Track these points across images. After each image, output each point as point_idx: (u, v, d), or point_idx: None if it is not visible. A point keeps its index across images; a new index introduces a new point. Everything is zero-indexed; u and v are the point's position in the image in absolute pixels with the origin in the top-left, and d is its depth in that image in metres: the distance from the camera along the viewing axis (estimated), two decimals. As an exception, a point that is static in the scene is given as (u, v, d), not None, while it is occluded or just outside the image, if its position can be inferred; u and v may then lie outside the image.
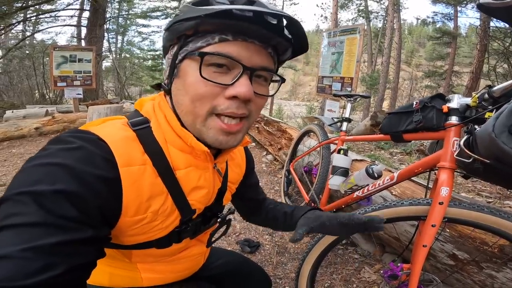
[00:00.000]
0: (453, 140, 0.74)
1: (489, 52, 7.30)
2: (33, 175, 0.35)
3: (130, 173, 0.41)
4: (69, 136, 0.40)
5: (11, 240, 0.30)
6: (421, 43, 32.53)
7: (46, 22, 10.82)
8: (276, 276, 1.38)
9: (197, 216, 0.54)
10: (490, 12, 0.50)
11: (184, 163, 0.48)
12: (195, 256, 0.63)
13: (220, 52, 0.42)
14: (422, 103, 0.85)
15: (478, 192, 2.08)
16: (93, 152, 0.39)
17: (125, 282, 0.57)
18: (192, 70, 0.43)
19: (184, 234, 0.53)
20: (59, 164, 0.35)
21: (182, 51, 0.45)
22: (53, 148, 0.38)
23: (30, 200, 0.32)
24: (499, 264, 0.97)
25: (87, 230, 0.35)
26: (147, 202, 0.44)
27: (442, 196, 0.71)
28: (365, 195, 1.07)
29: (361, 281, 1.34)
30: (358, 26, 3.08)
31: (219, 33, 0.42)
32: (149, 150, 0.45)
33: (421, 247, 0.75)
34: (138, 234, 0.46)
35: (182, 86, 0.45)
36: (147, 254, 0.52)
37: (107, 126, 0.45)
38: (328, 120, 1.68)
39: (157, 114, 0.48)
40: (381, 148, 3.58)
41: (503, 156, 0.52)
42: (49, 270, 0.30)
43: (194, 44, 0.43)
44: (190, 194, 0.50)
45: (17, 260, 0.29)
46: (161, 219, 0.47)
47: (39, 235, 0.31)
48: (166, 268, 0.59)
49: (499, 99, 0.66)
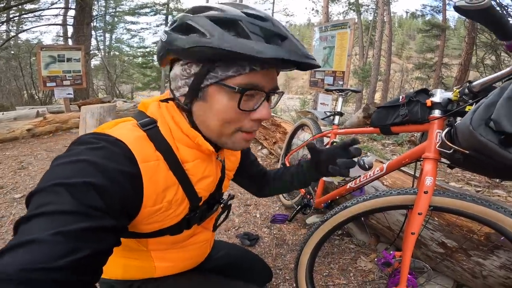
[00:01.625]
0: (436, 132, 0.79)
1: (477, 44, 7.42)
2: (65, 170, 0.39)
3: (148, 168, 0.46)
4: (91, 138, 0.44)
5: (44, 226, 0.33)
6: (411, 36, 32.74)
7: (30, 21, 10.57)
8: (276, 267, 1.43)
9: (202, 203, 0.60)
10: (466, 14, 0.54)
11: (191, 156, 0.54)
12: (202, 243, 0.69)
13: (252, 84, 0.47)
14: (408, 97, 0.89)
15: (467, 182, 2.15)
16: (115, 150, 0.43)
17: (139, 273, 0.61)
18: (222, 97, 0.48)
19: (192, 221, 0.59)
20: (87, 161, 0.40)
21: (210, 76, 0.47)
22: (79, 148, 0.42)
23: (63, 190, 0.36)
24: (486, 252, 1.01)
25: (110, 219, 0.39)
26: (162, 193, 0.49)
27: (427, 185, 0.76)
28: (358, 186, 1.12)
29: (357, 270, 1.40)
30: (349, 21, 3.11)
31: (249, 64, 0.46)
32: (159, 147, 0.50)
33: (410, 234, 0.80)
34: (155, 222, 0.51)
35: (209, 110, 0.49)
36: (161, 241, 0.58)
37: (121, 128, 0.49)
38: (320, 114, 1.72)
39: (165, 115, 0.53)
40: (374, 140, 3.65)
41: (480, 147, 0.57)
42: (75, 253, 0.33)
43: (224, 72, 0.46)
44: (197, 184, 0.56)
45: (48, 244, 0.32)
46: (174, 207, 0.53)
47: (69, 221, 0.34)
48: (177, 256, 0.64)
49: (478, 94, 0.70)
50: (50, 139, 3.94)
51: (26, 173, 2.67)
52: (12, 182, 2.45)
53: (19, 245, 0.32)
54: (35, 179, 2.54)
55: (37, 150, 3.38)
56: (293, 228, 1.78)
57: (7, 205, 2.04)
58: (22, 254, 0.31)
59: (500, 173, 0.64)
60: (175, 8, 15.32)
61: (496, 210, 0.72)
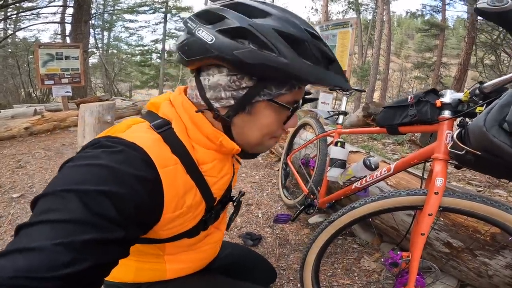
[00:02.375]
0: (446, 133, 0.78)
1: (476, 44, 7.45)
2: (77, 175, 0.36)
3: (168, 173, 0.44)
4: (108, 140, 0.42)
5: (47, 234, 0.31)
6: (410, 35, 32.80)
7: (27, 19, 10.48)
8: (279, 267, 1.43)
9: (217, 203, 0.59)
10: (485, 15, 0.53)
11: (209, 158, 0.53)
12: (214, 243, 0.68)
13: (297, 101, 0.51)
14: (417, 97, 0.88)
15: (468, 181, 2.15)
16: (133, 155, 0.41)
17: (150, 276, 0.60)
18: (271, 113, 0.50)
19: (209, 221, 0.59)
20: (104, 166, 0.37)
21: (264, 93, 0.47)
22: (95, 151, 0.40)
23: (74, 197, 0.34)
24: (492, 252, 1.01)
25: (120, 231, 0.36)
26: (182, 198, 0.48)
27: (437, 186, 0.75)
28: (363, 186, 1.11)
29: (361, 269, 1.40)
30: (350, 20, 3.11)
31: (299, 83, 0.49)
32: (175, 150, 0.47)
33: (419, 235, 0.79)
34: (175, 227, 0.50)
35: (252, 123, 0.51)
36: (179, 245, 0.57)
37: (135, 131, 0.46)
38: (324, 113, 1.71)
39: (181, 115, 0.50)
40: (374, 139, 3.65)
41: (493, 148, 0.57)
42: (74, 265, 0.31)
43: (278, 90, 0.48)
44: (214, 185, 0.55)
45: (47, 253, 0.30)
46: (193, 210, 0.52)
47: (74, 231, 0.32)
48: (190, 257, 0.63)
49: (490, 95, 0.69)
50: (48, 138, 3.91)
51: (24, 172, 2.65)
52: (10, 181, 2.43)
53: (18, 251, 0.30)
54: (33, 178, 2.51)
55: (35, 149, 3.35)
56: (295, 228, 1.77)
57: (5, 204, 2.02)
58: (19, 260, 0.29)
59: (509, 174, 0.64)
60: (173, 6, 15.25)
61: (506, 211, 0.72)
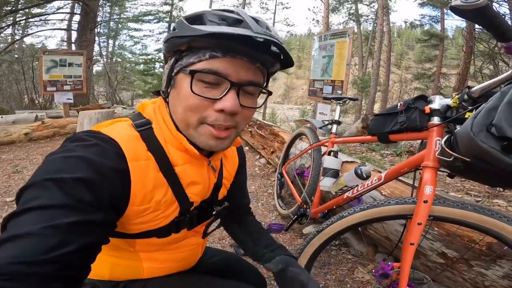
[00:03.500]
0: (436, 139, 0.77)
1: (475, 54, 7.50)
2: (55, 165, 0.39)
3: (137, 166, 0.47)
4: (84, 135, 0.45)
5: (33, 220, 0.34)
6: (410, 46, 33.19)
7: (35, 25, 10.70)
8: (270, 277, 1.38)
9: (194, 208, 0.59)
10: (462, 14, 0.53)
11: (181, 160, 0.53)
12: (194, 246, 0.67)
13: (209, 69, 0.46)
14: (406, 104, 0.87)
15: (467, 192, 2.12)
16: (106, 148, 0.44)
17: (126, 273, 0.60)
18: (185, 83, 0.48)
19: (182, 225, 0.58)
20: (78, 156, 0.41)
21: (177, 65, 0.49)
22: (71, 145, 0.43)
23: (53, 185, 0.37)
24: (488, 262, 0.99)
25: (99, 213, 0.39)
26: (151, 192, 0.49)
27: (427, 194, 0.74)
28: (355, 196, 1.09)
29: (354, 281, 1.36)
30: (348, 30, 3.14)
31: (210, 50, 0.46)
32: (151, 148, 0.50)
33: (409, 245, 0.77)
34: (142, 223, 0.51)
35: (176, 97, 0.50)
36: (149, 243, 0.57)
37: (115, 127, 0.50)
38: (318, 123, 1.70)
39: (157, 117, 0.54)
40: (372, 150, 3.63)
41: (482, 154, 0.55)
42: (64, 246, 0.34)
43: (188, 59, 0.48)
44: (188, 188, 0.55)
45: (38, 237, 0.33)
46: (163, 209, 0.52)
47: (58, 215, 0.35)
48: (167, 257, 0.62)
49: (478, 100, 0.68)
50: (46, 144, 3.92)
51: (20, 177, 2.64)
52: (5, 185, 2.42)
53: (8, 239, 0.32)
54: (28, 183, 2.51)
55: (32, 155, 3.35)
56: (289, 238, 1.74)
57: (-2, 208, 2.01)
58: (11, 248, 0.31)
59: (502, 181, 0.62)
60: (177, 16, 15.56)
61: (499, 219, 0.70)
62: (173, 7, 15.38)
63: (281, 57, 0.50)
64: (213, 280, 0.69)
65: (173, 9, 15.39)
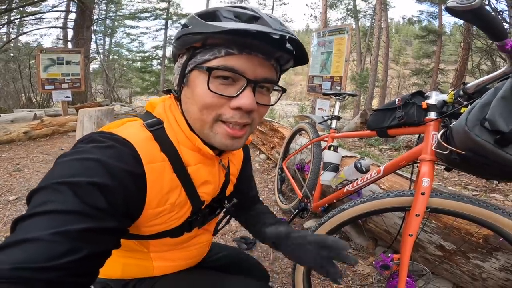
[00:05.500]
0: (432, 134, 0.79)
1: (472, 50, 7.51)
2: (70, 168, 0.38)
3: (153, 169, 0.46)
4: (99, 136, 0.44)
5: (43, 225, 0.33)
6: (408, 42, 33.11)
7: (30, 24, 10.60)
8: (273, 271, 1.42)
9: (205, 207, 0.59)
10: (457, 14, 0.55)
11: (194, 160, 0.53)
12: (203, 244, 0.68)
13: (225, 66, 0.45)
14: (404, 100, 0.90)
15: (464, 186, 2.15)
16: (122, 150, 0.43)
17: (138, 272, 0.61)
18: (200, 81, 0.47)
19: (194, 223, 0.58)
20: (94, 159, 0.39)
21: (191, 62, 0.48)
22: (86, 146, 0.42)
23: (67, 189, 0.35)
24: (484, 254, 1.01)
25: (112, 220, 0.38)
26: (166, 195, 0.49)
27: (424, 186, 0.76)
28: (355, 189, 1.11)
29: (355, 274, 1.39)
30: (346, 26, 3.15)
31: (225, 46, 0.45)
32: (164, 149, 0.49)
33: (408, 236, 0.79)
34: (157, 225, 0.51)
35: (190, 95, 0.49)
36: (163, 243, 0.58)
37: (128, 128, 0.49)
38: (318, 118, 1.72)
39: (168, 116, 0.52)
40: (371, 145, 3.66)
41: (476, 147, 0.57)
42: (72, 254, 0.32)
43: (202, 56, 0.47)
44: (200, 187, 0.55)
45: (46, 243, 0.31)
46: (177, 210, 0.52)
47: (69, 221, 0.34)
48: (177, 256, 0.63)
49: (473, 95, 0.71)
50: (46, 142, 3.92)
51: (21, 175, 2.65)
52: (7, 184, 2.43)
53: (15, 243, 0.31)
54: (30, 181, 2.52)
55: (33, 153, 3.36)
56: (290, 232, 1.76)
57: (1, 207, 2.03)
58: (18, 252, 0.30)
59: (496, 174, 0.64)
60: (174, 13, 15.44)
61: (494, 211, 0.71)
62: (170, 4, 15.24)
63: (294, 53, 0.50)
64: (220, 276, 0.70)
65: (170, 6, 15.26)
